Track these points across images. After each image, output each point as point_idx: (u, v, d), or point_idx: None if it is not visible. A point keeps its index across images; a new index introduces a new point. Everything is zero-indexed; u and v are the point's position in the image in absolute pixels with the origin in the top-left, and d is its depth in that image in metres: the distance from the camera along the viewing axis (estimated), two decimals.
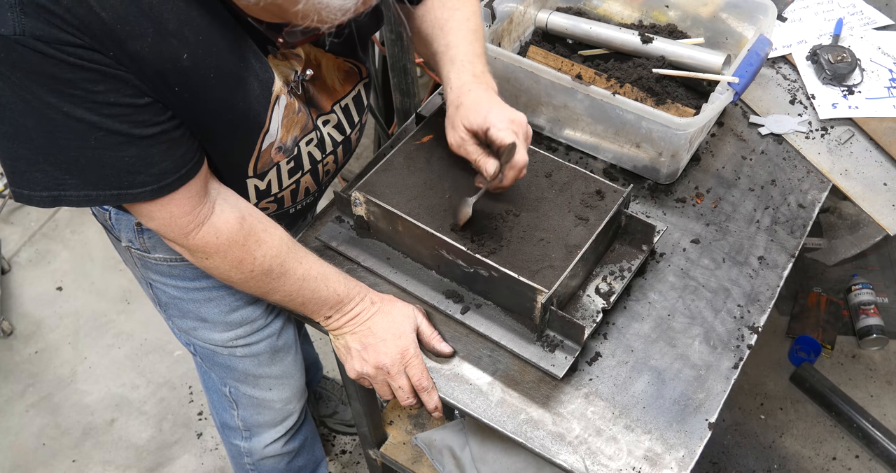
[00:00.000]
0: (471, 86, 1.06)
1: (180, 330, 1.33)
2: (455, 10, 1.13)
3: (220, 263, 1.01)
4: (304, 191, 1.18)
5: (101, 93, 0.81)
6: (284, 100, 1.00)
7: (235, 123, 0.96)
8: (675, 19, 1.45)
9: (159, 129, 0.87)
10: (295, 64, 1.01)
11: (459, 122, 1.05)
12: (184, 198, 0.93)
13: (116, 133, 0.84)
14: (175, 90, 0.86)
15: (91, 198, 0.88)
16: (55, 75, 0.78)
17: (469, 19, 1.13)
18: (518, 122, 1.03)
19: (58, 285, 2.52)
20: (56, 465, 2.12)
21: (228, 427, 1.55)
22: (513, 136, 1.01)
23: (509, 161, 1.02)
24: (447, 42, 1.11)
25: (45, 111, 0.80)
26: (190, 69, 0.86)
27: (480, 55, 1.11)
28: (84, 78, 0.79)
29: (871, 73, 1.51)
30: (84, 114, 0.81)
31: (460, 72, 1.08)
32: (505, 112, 1.03)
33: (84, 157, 0.85)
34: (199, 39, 0.86)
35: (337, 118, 1.13)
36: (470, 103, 1.05)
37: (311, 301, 1.08)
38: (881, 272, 2.36)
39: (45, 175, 0.86)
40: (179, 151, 0.91)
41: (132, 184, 0.88)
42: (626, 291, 1.18)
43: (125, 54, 0.80)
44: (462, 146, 1.06)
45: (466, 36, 1.11)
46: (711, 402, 1.07)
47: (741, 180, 1.34)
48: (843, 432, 2.09)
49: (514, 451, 1.34)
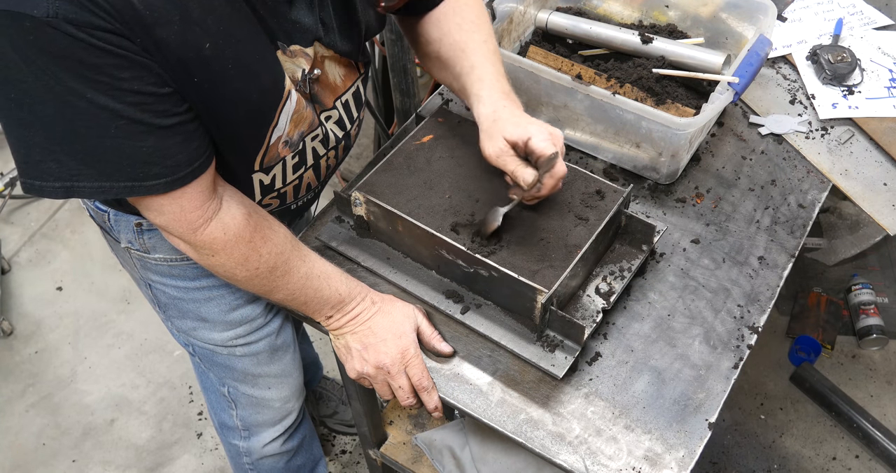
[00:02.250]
0: (505, 102, 1.10)
1: (179, 331, 1.33)
2: (473, 33, 1.16)
3: (225, 260, 1.01)
4: (307, 187, 1.19)
5: (126, 81, 0.81)
6: (295, 95, 1.01)
7: (248, 116, 0.97)
8: (675, 19, 1.45)
9: (177, 120, 0.88)
10: (302, 62, 1.01)
11: (499, 134, 1.07)
12: (195, 192, 0.94)
13: (137, 122, 0.84)
14: (195, 80, 0.87)
15: (104, 189, 0.88)
16: (83, 59, 0.78)
17: (487, 42, 1.16)
18: (556, 136, 1.07)
19: (58, 285, 2.52)
20: (56, 465, 2.12)
21: (227, 427, 1.55)
22: (553, 147, 1.04)
23: (549, 170, 1.04)
24: (471, 63, 1.13)
25: (67, 97, 0.80)
26: (211, 59, 0.87)
27: (504, 75, 1.14)
28: (111, 63, 0.79)
29: (871, 73, 1.51)
30: (107, 101, 0.81)
31: (491, 89, 1.11)
32: (544, 125, 1.07)
33: (102, 147, 0.85)
34: (220, 29, 0.87)
35: (338, 114, 1.14)
36: (508, 116, 1.08)
37: (313, 300, 1.08)
38: (881, 272, 2.36)
39: (59, 165, 0.85)
40: (193, 144, 0.91)
41: (147, 175, 0.88)
42: (626, 291, 1.18)
43: (151, 41, 0.81)
44: (500, 157, 1.07)
45: (489, 57, 1.14)
46: (711, 402, 1.07)
47: (741, 180, 1.34)
48: (843, 432, 2.09)
49: (514, 451, 1.34)
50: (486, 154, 1.08)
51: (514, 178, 1.07)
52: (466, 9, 1.17)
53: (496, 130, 1.07)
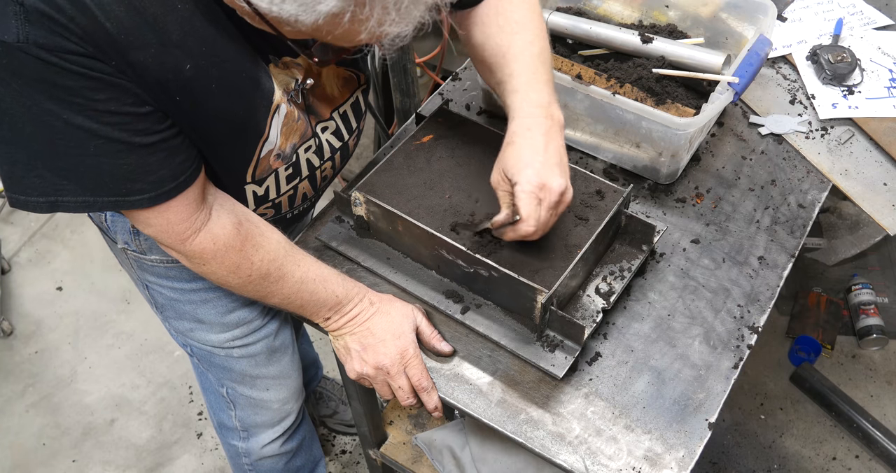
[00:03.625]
0: (530, 125, 1.00)
1: (177, 332, 1.33)
2: (515, 35, 1.06)
3: (216, 269, 1.01)
4: (302, 197, 1.18)
5: (102, 102, 0.81)
6: (284, 108, 1.00)
7: (235, 132, 0.96)
8: (675, 19, 1.45)
9: (159, 138, 0.87)
10: (296, 72, 1.01)
11: (499, 164, 1.02)
12: (181, 206, 0.93)
13: (116, 141, 0.84)
14: (176, 99, 0.86)
15: (88, 204, 0.88)
16: (56, 83, 0.78)
17: (533, 43, 1.06)
18: (547, 189, 0.97)
19: (58, 285, 2.52)
20: (56, 465, 2.12)
21: (226, 428, 1.55)
22: (533, 203, 0.97)
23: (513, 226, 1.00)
24: (510, 71, 1.04)
25: (44, 118, 0.80)
26: (192, 79, 0.86)
27: (546, 82, 1.04)
28: (85, 86, 0.79)
29: (871, 73, 1.51)
30: (84, 121, 0.81)
31: (522, 104, 1.02)
32: (540, 174, 0.97)
33: (83, 164, 0.85)
34: (203, 50, 0.86)
35: (336, 125, 1.14)
36: (516, 149, 1.00)
37: (309, 303, 1.08)
38: (881, 272, 2.36)
39: (42, 180, 0.85)
40: (178, 159, 0.91)
41: (130, 191, 0.88)
42: (626, 291, 1.18)
43: (127, 64, 0.80)
44: (497, 187, 1.03)
45: (530, 63, 1.04)
46: (711, 402, 1.07)
47: (741, 180, 1.34)
48: (843, 432, 2.09)
49: (514, 451, 1.34)
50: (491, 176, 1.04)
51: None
52: (510, 7, 1.08)
53: (503, 157, 1.01)
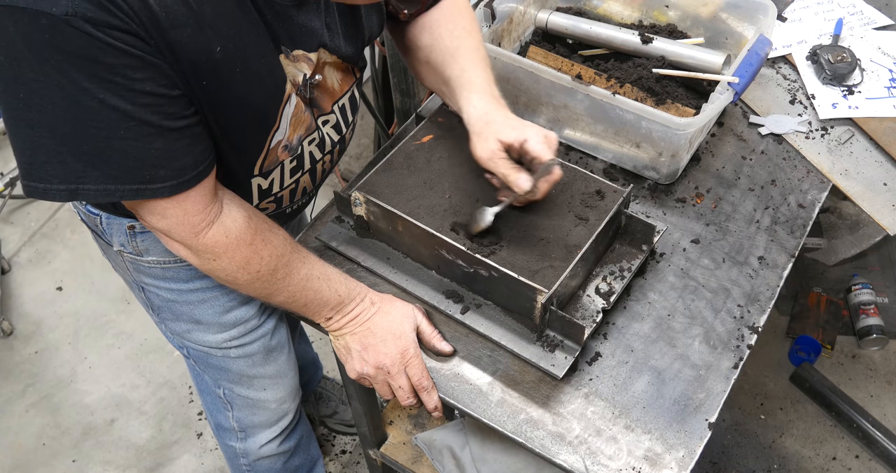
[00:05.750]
0: (496, 106, 1.11)
1: (173, 334, 1.33)
2: (463, 39, 1.17)
3: (227, 264, 1.00)
4: (302, 191, 1.19)
5: (139, 81, 0.81)
6: (294, 99, 1.01)
7: (251, 119, 0.97)
8: (675, 19, 1.45)
9: (185, 123, 0.88)
10: (304, 67, 1.01)
11: (492, 136, 1.07)
12: (199, 196, 0.94)
13: (147, 124, 0.84)
14: (203, 83, 0.87)
15: (109, 192, 0.88)
16: (98, 59, 0.78)
17: (478, 49, 1.17)
18: (551, 139, 1.07)
19: (58, 285, 2.52)
20: (56, 465, 2.12)
21: (223, 429, 1.55)
22: (550, 152, 1.04)
23: (546, 176, 1.04)
24: (462, 67, 1.14)
25: (78, 97, 0.80)
26: (220, 62, 0.87)
27: (493, 81, 1.15)
28: (125, 64, 0.79)
29: (871, 73, 1.51)
30: (119, 102, 0.81)
31: (481, 93, 1.12)
32: (540, 128, 1.07)
33: (110, 149, 0.84)
34: (231, 33, 0.87)
35: (336, 118, 1.14)
36: (502, 118, 1.08)
37: (313, 301, 1.08)
38: (881, 272, 2.36)
39: (64, 167, 0.85)
40: (199, 147, 0.92)
41: (154, 178, 0.88)
42: (626, 291, 1.18)
43: (166, 43, 0.81)
44: (492, 159, 1.07)
45: (479, 63, 1.15)
46: (711, 402, 1.07)
47: (741, 180, 1.34)
48: (843, 432, 2.09)
49: (514, 451, 1.34)
50: (478, 156, 1.08)
51: (506, 182, 1.06)
52: (458, 17, 1.18)
53: (489, 132, 1.07)
